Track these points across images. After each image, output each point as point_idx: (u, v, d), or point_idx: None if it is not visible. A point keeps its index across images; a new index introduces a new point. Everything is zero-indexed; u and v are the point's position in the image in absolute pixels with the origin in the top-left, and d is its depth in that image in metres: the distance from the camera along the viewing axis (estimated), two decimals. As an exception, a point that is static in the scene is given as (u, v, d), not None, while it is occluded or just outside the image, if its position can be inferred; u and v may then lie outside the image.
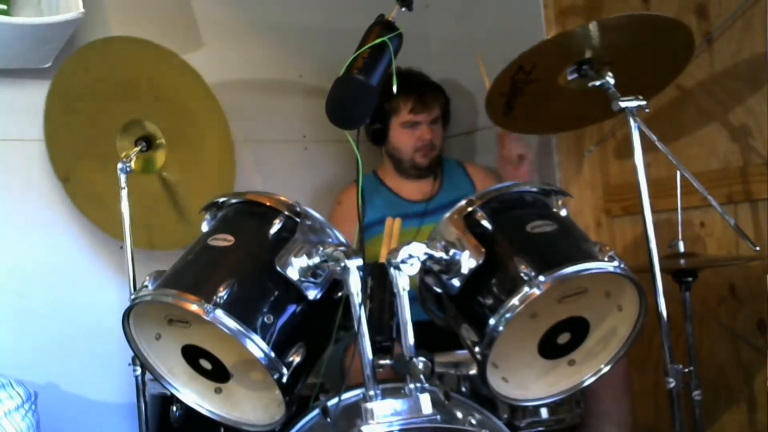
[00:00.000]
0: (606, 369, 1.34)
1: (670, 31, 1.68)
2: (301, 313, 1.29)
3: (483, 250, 1.29)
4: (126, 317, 1.30)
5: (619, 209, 2.30)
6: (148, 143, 1.88)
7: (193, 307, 1.21)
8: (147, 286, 1.31)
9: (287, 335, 1.26)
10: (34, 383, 1.78)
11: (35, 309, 2.07)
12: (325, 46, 2.52)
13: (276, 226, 1.32)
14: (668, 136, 2.03)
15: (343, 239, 1.34)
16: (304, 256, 1.26)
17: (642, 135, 1.56)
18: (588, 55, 1.66)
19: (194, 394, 1.35)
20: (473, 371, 1.59)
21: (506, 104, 1.82)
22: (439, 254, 1.27)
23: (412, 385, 1.22)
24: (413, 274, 1.23)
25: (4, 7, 1.97)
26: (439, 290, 1.37)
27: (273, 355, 1.22)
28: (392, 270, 1.22)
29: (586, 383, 1.34)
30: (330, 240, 1.32)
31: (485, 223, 1.33)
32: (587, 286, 1.33)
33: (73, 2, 1.87)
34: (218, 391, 1.36)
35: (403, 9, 1.35)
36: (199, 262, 1.34)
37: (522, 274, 1.22)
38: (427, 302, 1.44)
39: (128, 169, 1.80)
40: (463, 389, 1.60)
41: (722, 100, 2.00)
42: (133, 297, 1.30)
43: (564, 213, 1.41)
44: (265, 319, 1.24)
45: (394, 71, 1.29)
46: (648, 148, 1.56)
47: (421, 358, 1.20)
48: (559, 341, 1.33)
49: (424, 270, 1.33)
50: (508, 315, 1.22)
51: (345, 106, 1.26)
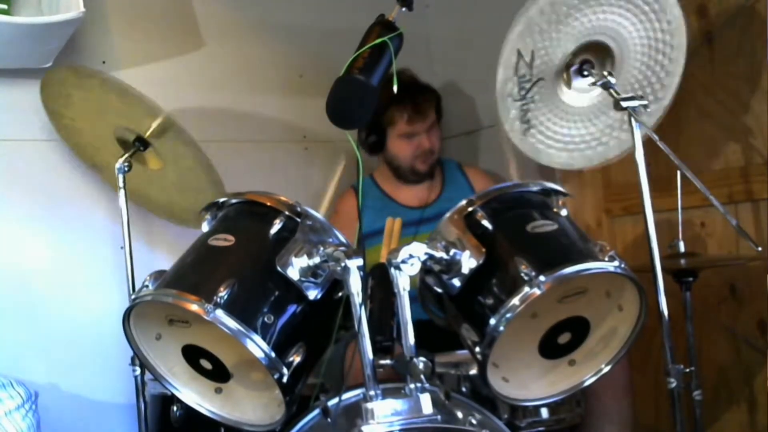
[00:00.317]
0: (606, 369, 1.34)
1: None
2: (301, 313, 1.29)
3: (483, 250, 1.29)
4: (126, 317, 1.30)
5: (619, 209, 2.30)
6: (144, 144, 1.88)
7: (194, 307, 1.21)
8: (147, 286, 1.31)
9: (287, 335, 1.26)
10: (34, 383, 1.78)
11: (36, 309, 2.08)
12: (325, 46, 2.52)
13: (276, 226, 1.32)
14: (668, 136, 2.03)
15: (343, 239, 1.34)
16: (305, 256, 1.26)
17: (642, 135, 1.56)
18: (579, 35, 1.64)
19: (194, 394, 1.35)
20: (473, 371, 1.59)
21: (522, 117, 1.79)
22: (440, 254, 1.27)
23: (412, 385, 1.22)
24: (413, 274, 1.23)
25: (4, 7, 1.97)
26: (439, 290, 1.37)
27: (273, 355, 1.22)
28: (392, 270, 1.22)
29: (587, 383, 1.34)
30: (330, 240, 1.32)
31: (486, 223, 1.33)
32: (588, 286, 1.33)
33: (73, 2, 1.87)
34: (218, 391, 1.36)
35: (404, 9, 1.35)
36: (199, 262, 1.34)
37: (522, 274, 1.22)
38: (428, 302, 1.44)
39: (125, 170, 1.80)
40: (464, 389, 1.60)
41: (722, 100, 2.00)
42: (133, 297, 1.30)
43: (564, 213, 1.41)
44: (266, 319, 1.24)
45: (395, 71, 1.29)
46: (647, 148, 1.56)
47: (422, 358, 1.20)
48: (560, 341, 1.33)
49: (425, 270, 1.33)
50: (508, 315, 1.22)
51: (345, 106, 1.26)
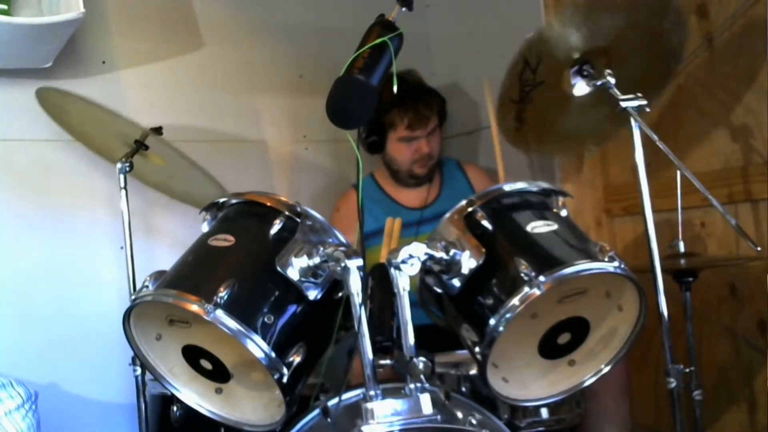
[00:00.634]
0: (606, 369, 1.34)
1: (663, 14, 1.68)
2: (301, 313, 1.29)
3: (483, 250, 1.29)
4: (126, 317, 1.30)
5: (619, 209, 2.30)
6: (146, 146, 1.88)
7: (194, 308, 1.21)
8: (147, 287, 1.31)
9: (288, 335, 1.26)
10: (34, 383, 1.78)
11: (36, 309, 2.08)
12: (325, 46, 2.52)
13: (276, 227, 1.32)
14: (668, 136, 2.03)
15: (343, 239, 1.34)
16: (305, 257, 1.26)
17: (642, 135, 1.56)
18: (583, 39, 1.65)
19: (195, 394, 1.35)
20: (473, 371, 1.59)
21: (517, 116, 1.80)
22: (440, 254, 1.27)
23: (412, 385, 1.22)
24: (413, 274, 1.23)
25: (4, 7, 1.97)
26: (439, 290, 1.37)
27: (273, 355, 1.22)
28: (392, 270, 1.22)
29: (587, 383, 1.34)
30: (330, 240, 1.32)
31: (485, 223, 1.33)
32: (587, 287, 1.33)
33: (73, 2, 1.87)
34: (219, 391, 1.36)
35: (404, 9, 1.35)
36: (199, 263, 1.34)
37: (522, 275, 1.22)
38: (428, 302, 1.44)
39: (127, 169, 1.80)
40: (464, 389, 1.60)
41: (722, 100, 2.00)
42: (133, 297, 1.30)
43: (564, 213, 1.41)
44: (266, 319, 1.24)
45: (395, 71, 1.29)
46: (647, 148, 1.56)
47: (422, 359, 1.20)
48: (560, 341, 1.33)
49: (425, 270, 1.33)
50: (508, 315, 1.22)
51: (345, 106, 1.26)
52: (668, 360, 1.52)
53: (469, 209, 1.36)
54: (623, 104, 1.56)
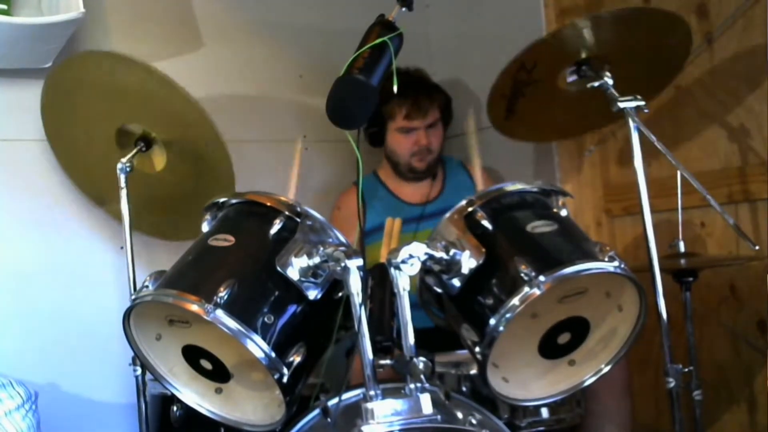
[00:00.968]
0: (606, 369, 1.34)
1: (666, 26, 1.68)
2: (301, 313, 1.29)
3: (483, 250, 1.29)
4: (126, 317, 1.30)
5: (619, 209, 2.30)
6: (147, 144, 1.88)
7: (194, 308, 1.21)
8: (147, 287, 1.31)
9: (288, 335, 1.26)
10: (34, 383, 1.78)
11: (35, 309, 2.08)
12: (325, 46, 2.52)
13: (276, 226, 1.32)
14: (668, 136, 2.03)
15: (343, 239, 1.34)
16: (305, 256, 1.26)
17: (641, 135, 1.56)
18: (586, 54, 1.66)
19: (195, 395, 1.35)
20: (473, 371, 1.59)
21: (507, 107, 1.81)
22: (440, 254, 1.27)
23: (412, 385, 1.22)
24: (413, 274, 1.23)
25: (4, 7, 1.97)
26: (439, 290, 1.37)
27: (273, 355, 1.22)
28: (392, 270, 1.22)
29: (587, 383, 1.34)
30: (330, 240, 1.32)
31: (485, 223, 1.33)
32: (587, 286, 1.33)
33: (73, 2, 1.87)
34: (219, 391, 1.36)
35: (403, 9, 1.35)
36: (199, 262, 1.34)
37: (522, 274, 1.22)
38: (428, 303, 1.44)
39: (128, 170, 1.80)
40: (464, 389, 1.60)
41: (722, 100, 2.00)
42: (133, 297, 1.30)
43: (564, 213, 1.41)
44: (266, 319, 1.24)
45: (395, 71, 1.29)
46: (648, 148, 1.56)
47: (422, 359, 1.20)
48: (560, 341, 1.34)
49: (425, 270, 1.33)
50: (508, 315, 1.22)
51: (345, 106, 1.26)
52: (668, 360, 1.52)
53: (469, 209, 1.36)
54: (621, 105, 1.57)
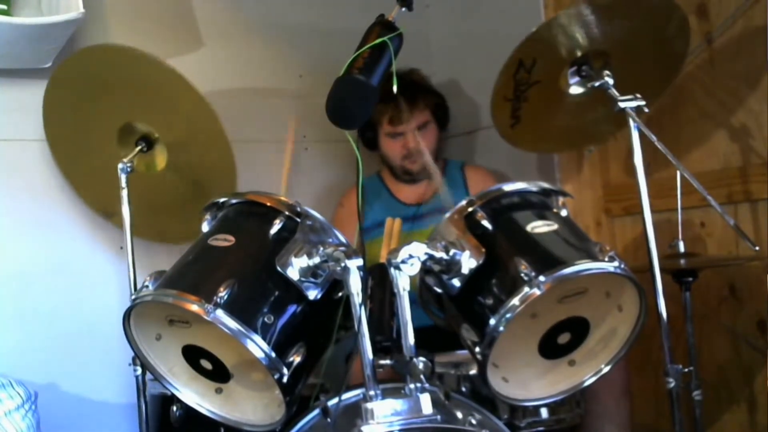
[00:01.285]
0: (606, 369, 1.34)
1: (662, 15, 1.68)
2: (301, 313, 1.29)
3: (483, 250, 1.29)
4: (126, 317, 1.30)
5: (619, 209, 2.30)
6: (148, 144, 1.88)
7: (194, 308, 1.21)
8: (147, 287, 1.31)
9: (288, 335, 1.26)
10: (34, 383, 1.78)
11: (35, 309, 2.07)
12: (325, 46, 2.52)
13: (276, 227, 1.32)
14: (668, 136, 2.03)
15: (343, 239, 1.34)
16: (305, 256, 1.26)
17: (642, 135, 1.56)
18: (583, 49, 1.66)
19: (195, 395, 1.35)
20: (473, 371, 1.59)
21: (512, 113, 1.81)
22: (440, 254, 1.27)
23: (412, 385, 1.22)
24: (413, 274, 1.23)
25: (4, 7, 1.97)
26: (439, 290, 1.37)
27: (273, 355, 1.22)
28: (392, 270, 1.22)
29: (587, 383, 1.34)
30: (330, 240, 1.32)
31: (485, 223, 1.33)
32: (587, 286, 1.33)
33: (73, 2, 1.87)
34: (219, 391, 1.36)
35: (403, 9, 1.35)
36: (199, 262, 1.35)
37: (522, 274, 1.22)
38: (428, 302, 1.44)
39: (128, 170, 1.80)
40: (464, 389, 1.60)
41: (722, 100, 2.00)
42: (133, 297, 1.30)
43: (564, 213, 1.41)
44: (266, 319, 1.24)
45: (395, 71, 1.29)
46: (648, 148, 1.56)
47: (422, 359, 1.20)
48: (560, 341, 1.34)
49: (425, 270, 1.33)
50: (508, 315, 1.22)
51: (345, 106, 1.26)
52: (668, 360, 1.52)
53: (469, 209, 1.36)
54: (621, 104, 1.57)
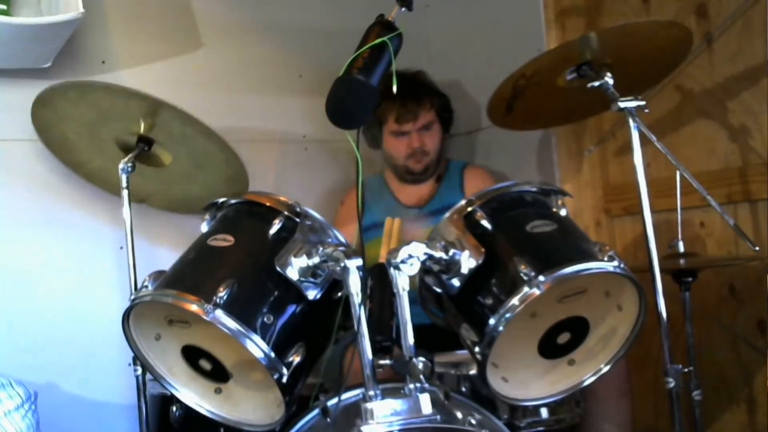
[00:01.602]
0: (606, 369, 1.34)
1: (668, 32, 1.68)
2: (301, 313, 1.29)
3: (483, 250, 1.29)
4: (126, 317, 1.30)
5: (619, 209, 2.30)
6: (149, 144, 1.88)
7: (193, 308, 1.21)
8: (147, 287, 1.31)
9: (287, 335, 1.26)
10: (34, 383, 1.78)
11: (35, 309, 2.08)
12: (325, 46, 2.52)
13: (276, 227, 1.32)
14: (668, 136, 2.04)
15: (342, 239, 1.34)
16: (304, 256, 1.26)
17: (641, 135, 1.56)
18: (588, 57, 1.67)
19: (194, 395, 1.36)
20: (473, 371, 1.59)
21: (507, 107, 1.82)
22: (439, 254, 1.27)
23: (411, 385, 1.22)
24: (413, 274, 1.23)
25: (4, 7, 1.97)
26: (439, 290, 1.37)
27: (273, 355, 1.22)
28: (392, 270, 1.22)
29: (586, 383, 1.34)
30: (330, 240, 1.32)
31: (485, 223, 1.33)
32: (587, 286, 1.33)
33: (73, 2, 1.87)
34: (218, 391, 1.36)
35: (403, 9, 1.35)
36: (199, 263, 1.35)
37: (522, 274, 1.22)
38: (427, 302, 1.44)
39: (129, 170, 1.80)
40: (463, 389, 1.60)
41: (722, 100, 2.00)
42: (133, 297, 1.30)
43: (564, 213, 1.41)
44: (265, 319, 1.24)
45: (395, 71, 1.29)
46: (648, 148, 1.56)
47: (421, 359, 1.20)
48: (559, 341, 1.34)
49: (424, 270, 1.33)
50: (508, 315, 1.22)
51: (345, 106, 1.26)
52: (667, 360, 1.52)
53: (469, 209, 1.36)
54: (621, 105, 1.56)
